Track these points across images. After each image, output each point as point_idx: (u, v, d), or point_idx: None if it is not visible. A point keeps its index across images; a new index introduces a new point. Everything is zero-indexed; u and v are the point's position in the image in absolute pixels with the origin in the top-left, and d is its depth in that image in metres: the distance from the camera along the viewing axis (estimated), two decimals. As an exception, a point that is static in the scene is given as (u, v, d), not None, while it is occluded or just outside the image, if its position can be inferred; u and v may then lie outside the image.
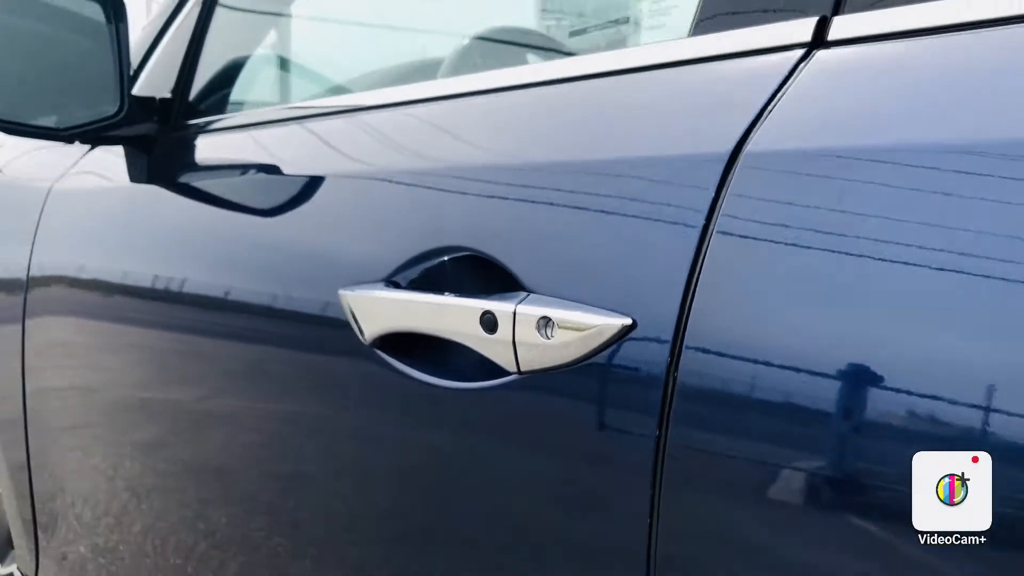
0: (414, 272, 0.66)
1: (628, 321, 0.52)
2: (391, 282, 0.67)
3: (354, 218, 0.78)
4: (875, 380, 0.45)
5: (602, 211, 0.57)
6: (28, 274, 1.24)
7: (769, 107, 0.51)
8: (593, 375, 0.54)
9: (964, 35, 0.49)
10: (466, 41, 1.16)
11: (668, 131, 0.57)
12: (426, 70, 1.30)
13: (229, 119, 1.16)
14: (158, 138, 1.15)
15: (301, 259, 0.82)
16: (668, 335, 0.50)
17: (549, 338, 0.55)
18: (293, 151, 0.95)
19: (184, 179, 1.11)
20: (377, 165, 0.80)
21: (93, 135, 1.15)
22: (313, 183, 0.85)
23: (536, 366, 0.56)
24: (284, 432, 0.85)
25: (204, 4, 1.20)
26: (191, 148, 1.13)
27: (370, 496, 0.74)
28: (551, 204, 0.60)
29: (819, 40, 0.52)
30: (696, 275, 0.49)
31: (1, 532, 1.44)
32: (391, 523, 0.73)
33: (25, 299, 1.25)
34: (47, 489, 1.25)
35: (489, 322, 0.57)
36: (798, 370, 0.47)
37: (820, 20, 0.52)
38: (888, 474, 0.46)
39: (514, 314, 0.56)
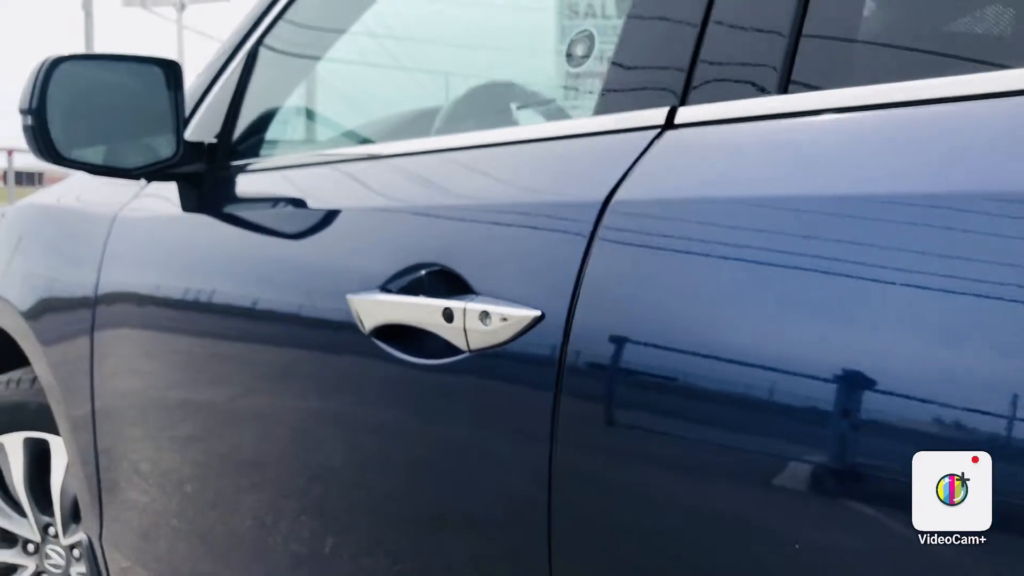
0: (402, 281, 0.91)
1: (538, 313, 0.75)
2: (384, 288, 0.91)
3: (358, 241, 1.02)
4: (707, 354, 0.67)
5: (525, 237, 0.81)
6: (96, 292, 1.47)
7: (633, 167, 0.74)
8: (517, 352, 0.78)
9: (776, 122, 0.71)
10: (458, 96, 1.41)
11: (567, 182, 0.81)
12: (426, 116, 1.54)
13: (264, 161, 1.41)
14: (206, 176, 1.40)
15: (317, 273, 1.07)
16: (563, 322, 0.74)
17: (488, 326, 0.79)
18: (313, 189, 1.19)
19: (227, 210, 1.35)
20: (375, 203, 1.05)
21: (153, 173, 1.40)
22: (328, 216, 1.10)
23: (481, 346, 0.80)
24: (304, 410, 1.10)
25: (246, 61, 1.45)
26: (233, 185, 1.38)
27: (369, 449, 0.98)
28: (493, 233, 0.85)
29: (670, 123, 0.76)
30: (581, 281, 0.73)
31: (68, 505, 1.68)
32: (385, 469, 0.97)
33: (94, 314, 1.47)
34: (111, 471, 1.49)
35: (448, 315, 0.81)
36: (652, 346, 0.70)
37: (671, 108, 0.76)
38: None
39: (464, 310, 0.80)
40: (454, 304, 0.81)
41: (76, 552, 1.69)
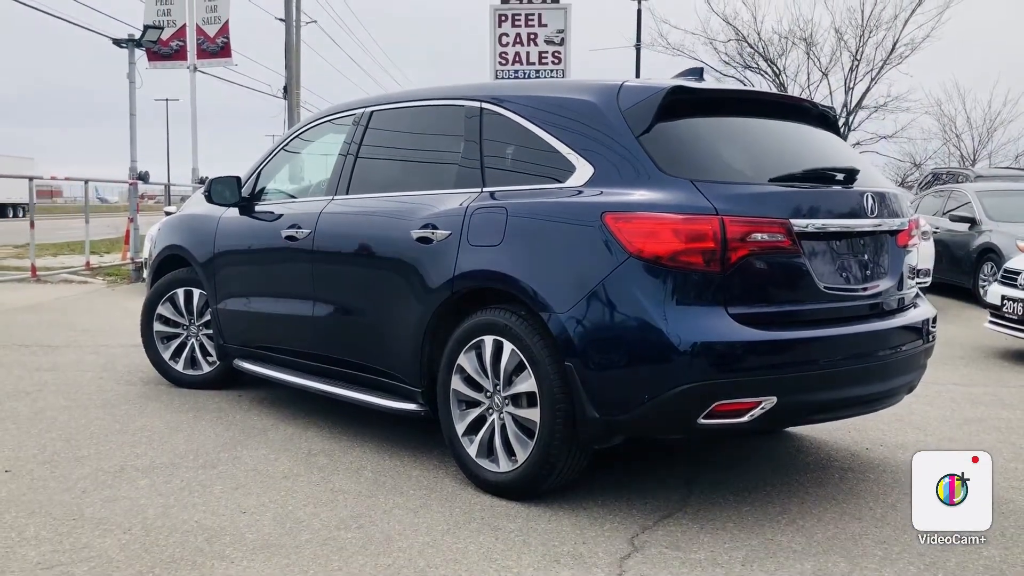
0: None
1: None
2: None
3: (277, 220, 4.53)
4: None
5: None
6: (214, 249, 4.94)
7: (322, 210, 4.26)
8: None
9: None
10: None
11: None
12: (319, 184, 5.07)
13: (266, 202, 4.88)
14: (246, 206, 4.87)
15: (276, 229, 4.58)
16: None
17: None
18: (281, 212, 4.63)
19: (252, 216, 4.83)
20: (299, 216, 4.56)
21: (231, 205, 4.91)
22: (286, 218, 4.54)
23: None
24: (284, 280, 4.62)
25: (259, 163, 4.96)
26: (254, 209, 4.85)
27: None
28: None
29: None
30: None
31: (197, 311, 5.24)
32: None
33: (213, 256, 4.96)
34: (219, 293, 4.93)
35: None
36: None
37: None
38: None
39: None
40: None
41: (205, 325, 5.22)
